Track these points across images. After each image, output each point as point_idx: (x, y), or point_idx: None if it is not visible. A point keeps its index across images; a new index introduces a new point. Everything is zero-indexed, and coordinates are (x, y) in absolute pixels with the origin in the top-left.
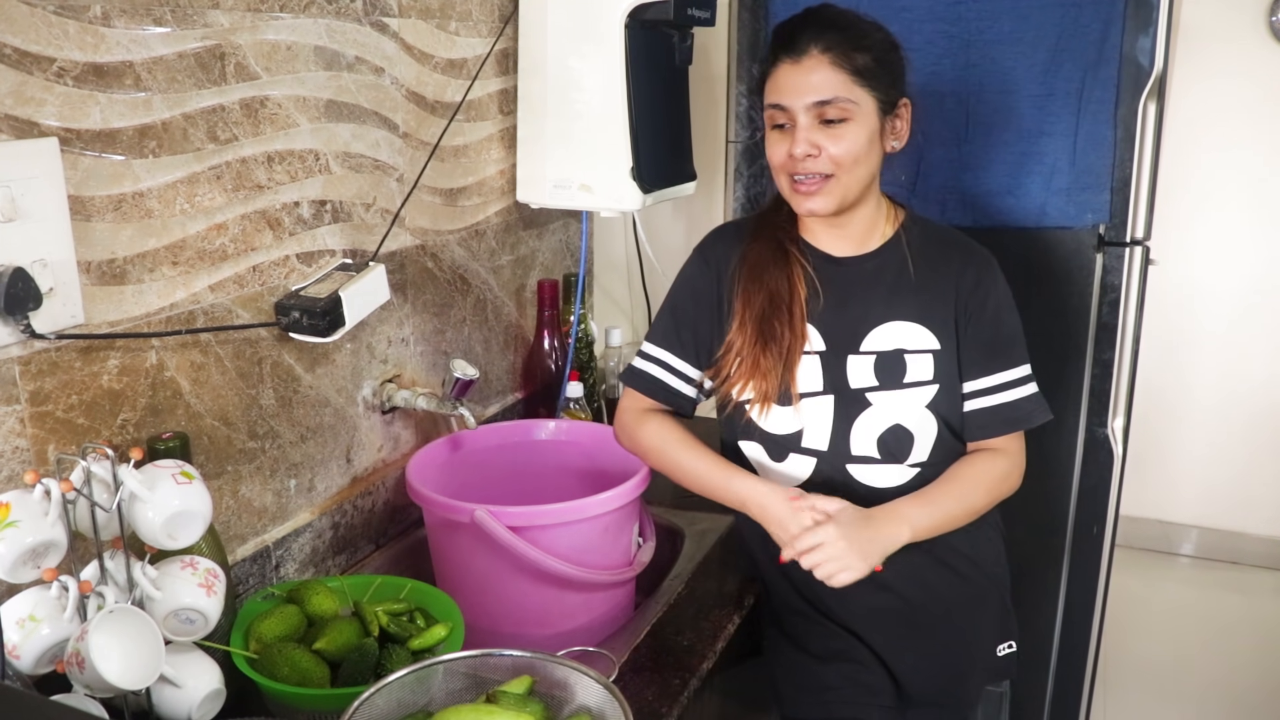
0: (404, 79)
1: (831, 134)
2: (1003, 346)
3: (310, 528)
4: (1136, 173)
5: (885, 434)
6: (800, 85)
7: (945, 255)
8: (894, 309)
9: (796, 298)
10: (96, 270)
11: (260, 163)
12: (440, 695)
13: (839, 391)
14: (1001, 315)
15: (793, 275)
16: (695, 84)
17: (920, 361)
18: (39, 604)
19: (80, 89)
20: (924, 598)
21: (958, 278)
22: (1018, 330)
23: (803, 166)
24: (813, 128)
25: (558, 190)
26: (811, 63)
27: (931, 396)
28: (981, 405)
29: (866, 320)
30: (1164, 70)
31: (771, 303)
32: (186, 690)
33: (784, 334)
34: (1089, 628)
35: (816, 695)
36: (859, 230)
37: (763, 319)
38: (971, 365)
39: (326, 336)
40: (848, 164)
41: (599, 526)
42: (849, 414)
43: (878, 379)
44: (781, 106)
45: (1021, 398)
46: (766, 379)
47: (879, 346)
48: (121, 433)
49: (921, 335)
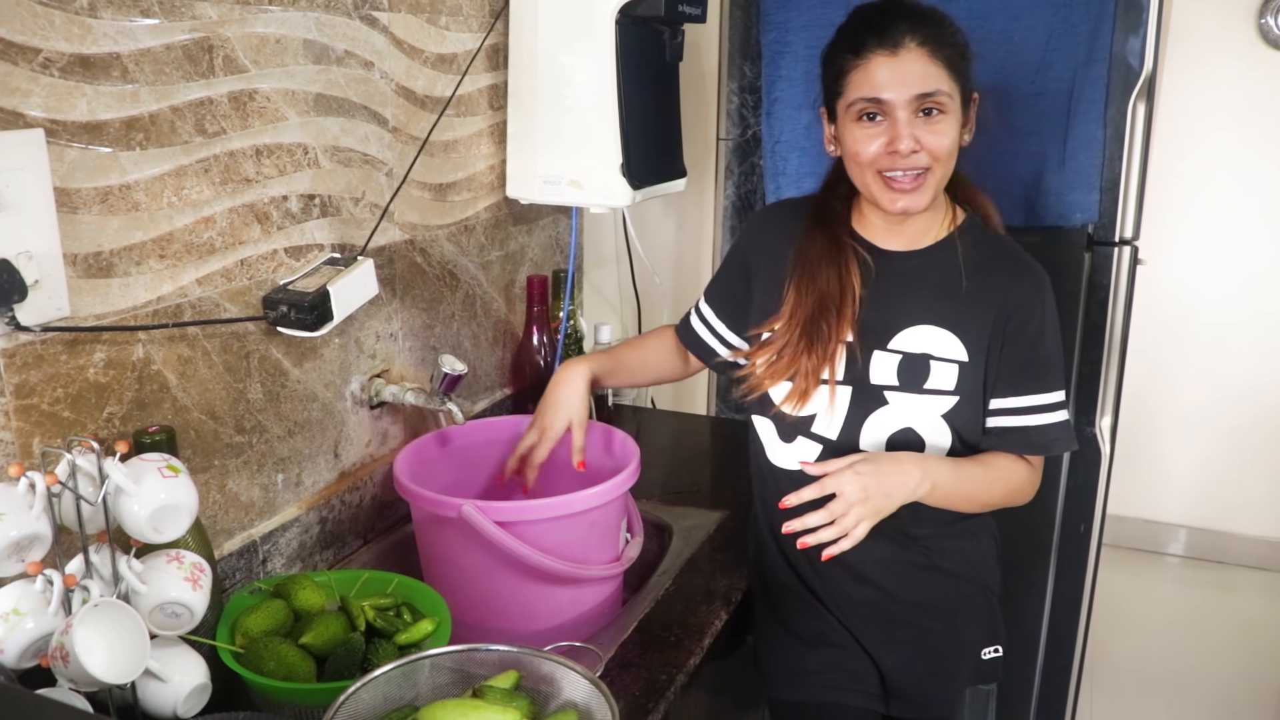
0: (394, 73)
1: (930, 127)
2: (1038, 370)
3: (297, 522)
4: (1125, 173)
5: (896, 435)
6: (901, 77)
7: (996, 269)
8: (930, 313)
9: (848, 299)
10: (83, 263)
11: (248, 156)
12: (426, 690)
13: (858, 384)
14: (1044, 338)
15: (846, 275)
16: (686, 81)
17: (945, 370)
18: (23, 598)
19: (66, 80)
20: (907, 594)
21: (1004, 294)
22: (1057, 355)
23: (904, 162)
24: (912, 121)
25: (547, 186)
26: (910, 55)
27: (949, 407)
28: (1004, 424)
29: (901, 319)
30: (1153, 71)
31: (822, 305)
32: (172, 684)
33: (830, 336)
34: (1076, 626)
35: (799, 678)
36: (917, 228)
37: (811, 320)
38: (1002, 383)
39: (314, 331)
40: (944, 157)
41: (587, 522)
42: (864, 408)
43: (899, 379)
44: (878, 99)
45: (1049, 424)
46: (807, 378)
47: (907, 347)
48: (108, 426)
49: (952, 344)
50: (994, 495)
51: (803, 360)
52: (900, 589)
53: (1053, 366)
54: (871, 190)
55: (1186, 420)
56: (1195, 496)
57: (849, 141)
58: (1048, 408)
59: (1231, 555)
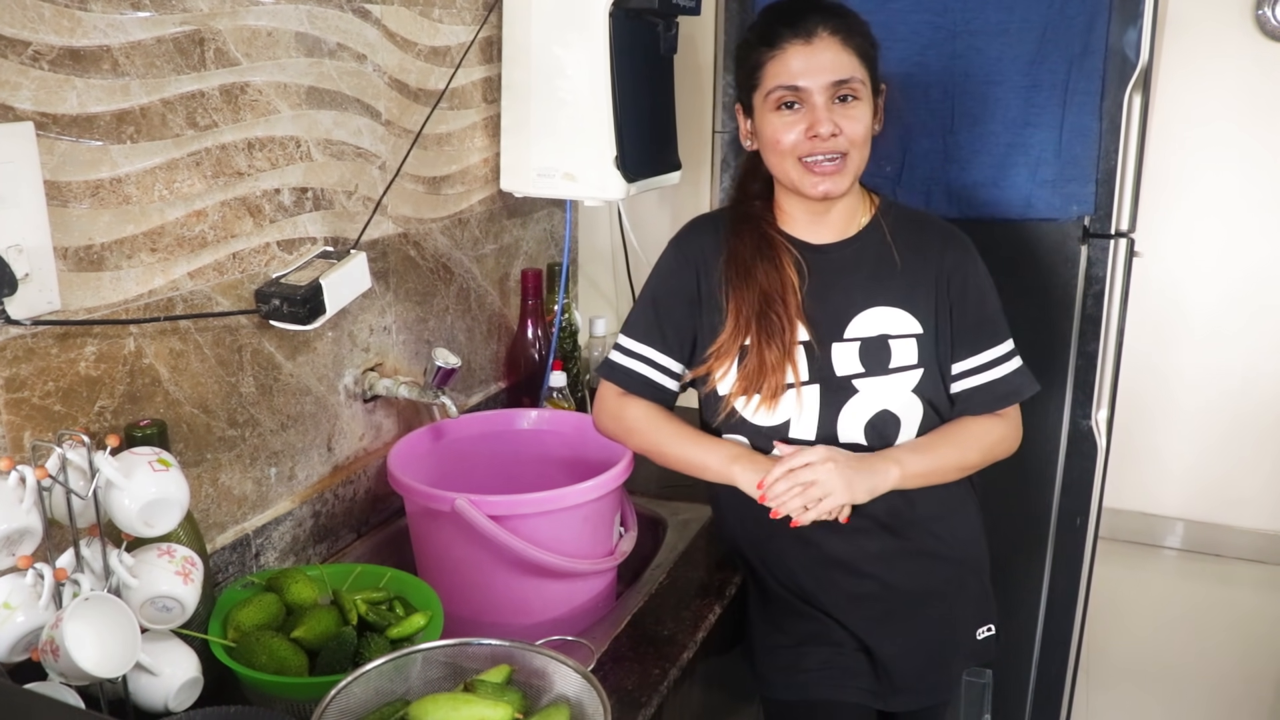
0: (386, 66)
1: (846, 113)
2: (987, 325)
3: (290, 516)
4: (1121, 165)
5: (872, 420)
6: (816, 65)
7: (923, 239)
8: (876, 294)
9: (790, 288)
10: (74, 256)
11: (240, 149)
12: (418, 684)
13: (825, 380)
14: (984, 294)
15: (782, 265)
16: (681, 74)
17: (904, 346)
18: (14, 591)
19: (57, 73)
20: (902, 583)
21: (938, 260)
22: (998, 307)
23: (823, 146)
24: (829, 107)
25: (541, 179)
26: (823, 43)
27: (917, 381)
28: (971, 384)
29: (849, 307)
30: (1149, 62)
31: (766, 299)
32: (163, 678)
33: (783, 326)
34: (1072, 619)
35: (793, 677)
36: (841, 217)
37: (760, 316)
38: (959, 346)
39: (307, 324)
40: (860, 142)
41: (580, 516)
42: (836, 402)
43: (863, 365)
44: (795, 87)
45: (1009, 373)
46: (775, 374)
47: (863, 333)
48: (99, 420)
49: (904, 320)
50: (970, 456)
51: (765, 355)
52: (898, 579)
53: (998, 318)
54: (792, 177)
55: (1183, 413)
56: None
57: (768, 131)
58: (1004, 358)
59: (1229, 548)
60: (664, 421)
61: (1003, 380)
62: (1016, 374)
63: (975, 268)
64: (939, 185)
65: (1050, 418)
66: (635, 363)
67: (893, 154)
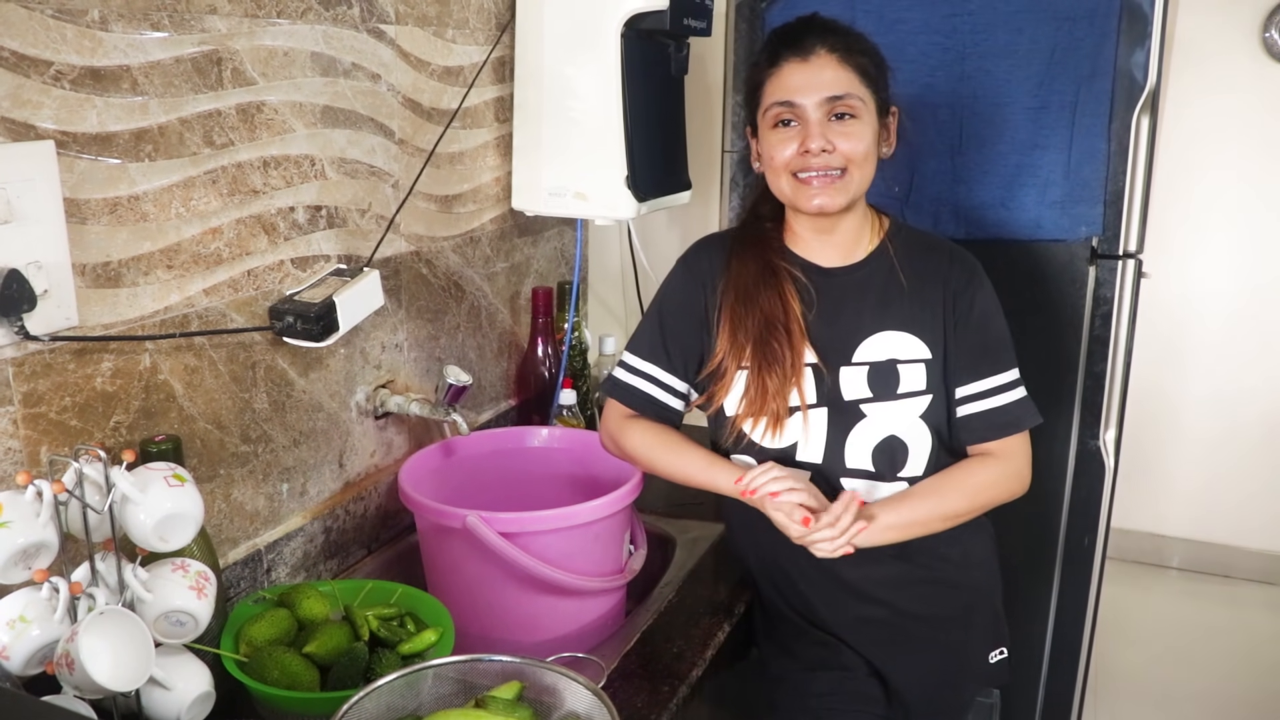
0: (400, 86)
1: (842, 130)
2: (992, 350)
3: (302, 532)
4: (1130, 186)
5: (880, 445)
6: (811, 82)
7: (931, 262)
8: (885, 319)
9: (792, 315)
10: (91, 273)
11: (256, 168)
12: (429, 700)
13: (833, 404)
14: (990, 319)
15: (785, 292)
16: (691, 94)
17: (913, 371)
18: (29, 605)
19: (77, 92)
20: (914, 608)
21: (945, 283)
22: (1006, 334)
23: (816, 162)
24: (824, 123)
25: (553, 198)
26: (820, 61)
27: (925, 407)
28: (972, 410)
29: (858, 331)
30: (1157, 84)
31: (767, 325)
32: (176, 693)
33: (784, 354)
34: (1079, 639)
35: (805, 702)
36: (847, 239)
37: (760, 341)
38: (961, 370)
39: (320, 341)
40: (858, 159)
41: (590, 533)
42: (844, 426)
43: (871, 390)
44: (791, 103)
45: (1011, 401)
46: (776, 400)
47: (872, 357)
48: (114, 435)
49: (913, 345)
50: (956, 505)
51: (766, 381)
52: (909, 604)
53: (1004, 345)
54: (786, 193)
55: (1191, 434)
56: (1199, 510)
57: (765, 148)
58: (1007, 386)
59: (1235, 569)
60: (667, 446)
61: (1003, 409)
62: (1018, 404)
63: (982, 291)
64: (947, 206)
65: (1058, 438)
66: (639, 380)
67: (901, 175)
